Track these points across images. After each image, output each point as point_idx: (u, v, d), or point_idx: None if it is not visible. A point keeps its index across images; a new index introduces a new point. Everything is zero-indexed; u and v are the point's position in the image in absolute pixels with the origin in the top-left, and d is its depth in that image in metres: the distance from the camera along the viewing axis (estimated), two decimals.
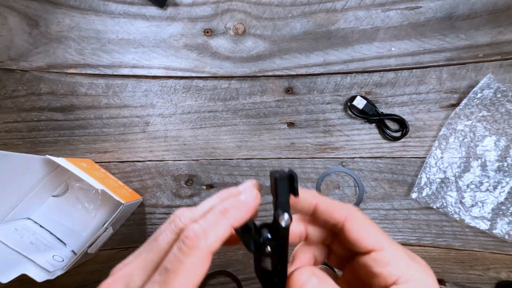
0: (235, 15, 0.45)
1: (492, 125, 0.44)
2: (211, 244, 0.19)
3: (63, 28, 0.44)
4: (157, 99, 0.45)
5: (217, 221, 0.19)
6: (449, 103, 0.45)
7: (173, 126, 0.46)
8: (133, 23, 0.44)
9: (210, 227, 0.19)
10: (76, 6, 0.43)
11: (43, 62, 0.44)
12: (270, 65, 0.45)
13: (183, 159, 0.46)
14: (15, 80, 0.44)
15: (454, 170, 0.45)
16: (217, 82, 0.46)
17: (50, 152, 0.45)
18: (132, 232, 0.46)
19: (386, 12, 0.44)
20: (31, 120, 0.44)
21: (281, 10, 0.44)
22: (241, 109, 0.46)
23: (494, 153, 0.44)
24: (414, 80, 0.45)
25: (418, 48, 0.44)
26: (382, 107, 0.45)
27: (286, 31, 0.45)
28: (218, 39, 0.45)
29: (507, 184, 0.44)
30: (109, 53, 0.44)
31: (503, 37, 0.44)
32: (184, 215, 0.20)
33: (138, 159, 0.46)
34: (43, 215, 0.43)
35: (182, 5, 0.44)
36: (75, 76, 0.44)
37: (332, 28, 0.45)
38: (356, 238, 0.20)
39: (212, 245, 0.19)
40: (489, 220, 0.44)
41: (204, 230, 0.19)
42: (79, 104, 0.45)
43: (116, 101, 0.45)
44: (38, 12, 0.43)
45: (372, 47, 0.45)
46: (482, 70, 0.44)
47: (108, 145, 0.45)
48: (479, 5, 0.44)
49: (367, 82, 0.45)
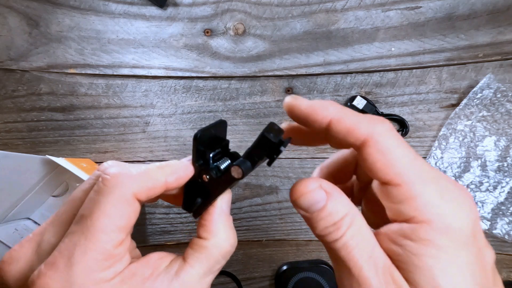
0: (235, 15, 0.45)
1: (492, 125, 0.44)
2: (136, 187, 0.16)
3: (63, 28, 0.44)
4: (157, 99, 0.45)
5: (148, 170, 0.17)
6: (449, 103, 0.45)
7: (173, 126, 0.46)
8: (133, 23, 0.44)
9: (138, 173, 0.17)
10: (76, 6, 0.43)
11: (43, 62, 0.44)
12: (270, 65, 0.45)
13: None
14: (15, 80, 0.44)
15: (454, 170, 0.45)
16: (217, 82, 0.46)
17: (50, 152, 0.45)
18: (132, 232, 0.46)
19: (386, 12, 0.44)
20: (31, 120, 0.44)
21: (281, 10, 0.44)
22: (241, 109, 0.46)
23: (494, 153, 0.44)
24: (414, 80, 0.45)
25: (418, 48, 0.44)
26: (382, 107, 0.45)
27: (286, 31, 0.45)
28: (218, 39, 0.45)
29: (507, 184, 0.44)
30: (109, 53, 0.44)
31: (503, 37, 0.44)
32: (115, 161, 0.18)
33: (138, 159, 0.46)
34: (43, 215, 0.43)
35: (182, 5, 0.44)
36: (75, 76, 0.44)
37: (332, 28, 0.45)
38: (370, 168, 0.16)
39: (136, 189, 0.16)
40: (489, 220, 0.44)
41: (129, 172, 0.17)
42: (79, 104, 0.45)
43: (116, 101, 0.45)
44: (38, 12, 0.43)
45: (372, 47, 0.45)
46: (482, 70, 0.44)
47: (108, 145, 0.45)
48: (479, 5, 0.44)
49: (367, 82, 0.45)
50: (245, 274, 0.47)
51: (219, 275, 0.46)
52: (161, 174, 0.18)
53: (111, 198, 0.16)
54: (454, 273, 0.14)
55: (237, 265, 0.47)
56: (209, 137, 0.19)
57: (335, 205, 0.16)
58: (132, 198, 0.16)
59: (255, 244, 0.46)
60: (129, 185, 0.16)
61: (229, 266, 0.47)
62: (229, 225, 0.20)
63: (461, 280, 0.14)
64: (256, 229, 0.46)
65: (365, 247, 0.16)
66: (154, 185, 0.17)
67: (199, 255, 0.19)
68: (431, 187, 0.15)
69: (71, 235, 0.16)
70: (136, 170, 0.17)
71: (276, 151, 0.18)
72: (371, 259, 0.15)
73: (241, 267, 0.47)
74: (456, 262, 0.14)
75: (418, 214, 0.15)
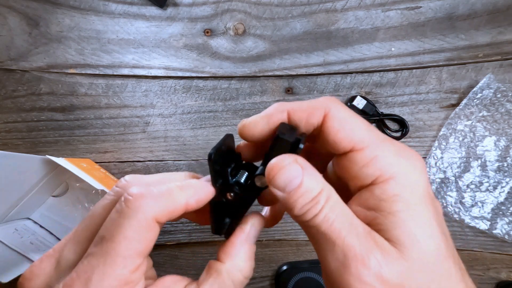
0: (235, 15, 0.45)
1: (492, 125, 0.44)
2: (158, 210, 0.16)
3: (63, 28, 0.44)
4: (157, 99, 0.45)
5: (170, 191, 0.17)
6: (449, 103, 0.45)
7: (173, 126, 0.46)
8: (133, 23, 0.44)
9: (160, 194, 0.16)
10: (76, 6, 0.43)
11: (43, 62, 0.44)
12: (270, 65, 0.45)
13: (183, 159, 0.46)
14: (15, 80, 0.44)
15: (454, 170, 0.45)
16: (217, 82, 0.46)
17: (50, 152, 0.45)
18: None
19: (386, 12, 0.44)
20: (31, 120, 0.44)
21: (281, 10, 0.44)
22: (241, 109, 0.46)
23: (494, 153, 0.44)
24: (414, 80, 0.45)
25: (418, 48, 0.44)
26: (382, 107, 0.45)
27: (286, 31, 0.45)
28: (218, 39, 0.45)
29: (507, 184, 0.44)
30: (109, 53, 0.44)
31: (503, 37, 0.44)
32: (133, 177, 0.18)
33: (138, 159, 0.46)
34: (43, 215, 0.43)
35: (182, 5, 0.44)
36: (75, 76, 0.44)
37: (332, 28, 0.45)
38: (334, 140, 0.17)
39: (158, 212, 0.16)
40: (489, 220, 0.44)
41: (151, 193, 0.16)
42: (79, 104, 0.45)
43: (116, 101, 0.45)
44: (38, 12, 0.43)
45: (372, 47, 0.45)
46: (482, 70, 0.44)
47: (108, 145, 0.45)
48: (479, 5, 0.44)
49: (367, 82, 0.45)
50: None
51: None
52: (183, 196, 0.17)
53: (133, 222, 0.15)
54: (425, 225, 0.16)
55: None
56: (221, 155, 0.18)
57: (310, 181, 0.17)
58: (153, 222, 0.16)
59: (255, 244, 0.46)
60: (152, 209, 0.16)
61: None
62: (250, 254, 0.20)
63: (430, 230, 0.16)
64: None
65: (344, 218, 0.16)
66: (175, 208, 0.17)
67: (213, 280, 0.18)
68: (389, 148, 0.17)
69: (91, 257, 0.15)
70: (158, 190, 0.17)
71: (295, 150, 0.17)
72: (352, 228, 0.16)
73: None
74: (424, 214, 0.16)
75: (383, 172, 0.16)
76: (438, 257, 0.16)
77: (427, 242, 0.16)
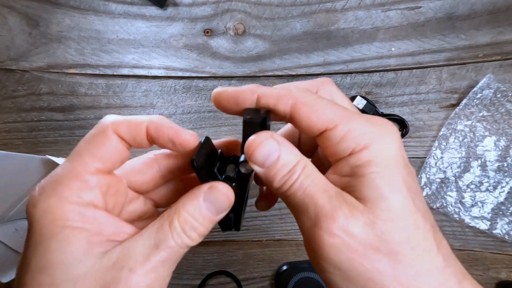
0: (235, 15, 0.45)
1: (492, 125, 0.44)
2: (116, 120, 0.18)
3: (63, 28, 0.44)
4: (157, 99, 0.45)
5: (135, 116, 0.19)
6: (449, 103, 0.45)
7: None
8: (133, 23, 0.44)
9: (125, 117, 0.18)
10: (76, 6, 0.43)
11: (43, 62, 0.44)
12: (270, 65, 0.45)
13: None
14: (15, 80, 0.44)
15: (454, 170, 0.45)
16: (217, 82, 0.46)
17: (50, 152, 0.45)
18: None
19: (386, 12, 0.44)
20: (31, 120, 0.44)
21: (281, 10, 0.44)
22: None
23: (494, 153, 0.44)
24: (414, 80, 0.45)
25: (418, 48, 0.44)
26: (382, 107, 0.45)
27: (286, 31, 0.45)
28: (218, 39, 0.45)
29: (507, 184, 0.44)
30: (109, 53, 0.44)
31: (503, 37, 0.44)
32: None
33: None
34: None
35: (182, 5, 0.44)
36: (75, 76, 0.44)
37: (332, 28, 0.45)
38: (306, 125, 0.18)
39: (116, 123, 0.18)
40: (489, 220, 0.44)
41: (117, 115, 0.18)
42: (79, 104, 0.45)
43: (116, 101, 0.45)
44: (38, 12, 0.43)
45: (372, 47, 0.45)
46: (482, 70, 0.44)
47: None
48: (479, 5, 0.44)
49: (367, 82, 0.45)
50: (245, 274, 0.47)
51: (219, 275, 0.46)
52: (145, 118, 0.19)
53: (93, 131, 0.18)
54: (393, 182, 0.17)
55: (237, 265, 0.47)
56: (204, 158, 0.19)
57: (287, 154, 0.18)
58: (110, 131, 0.18)
59: (255, 244, 0.46)
60: (110, 119, 0.18)
61: (229, 266, 0.47)
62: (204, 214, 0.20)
63: (398, 187, 0.17)
64: (256, 229, 0.46)
65: (319, 183, 0.18)
66: (135, 123, 0.18)
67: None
68: (360, 120, 0.18)
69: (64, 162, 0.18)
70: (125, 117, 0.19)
71: (264, 128, 0.18)
72: (325, 191, 0.17)
73: (241, 267, 0.47)
74: (393, 174, 0.17)
75: (357, 143, 0.17)
76: (404, 210, 0.17)
77: (393, 197, 0.17)
